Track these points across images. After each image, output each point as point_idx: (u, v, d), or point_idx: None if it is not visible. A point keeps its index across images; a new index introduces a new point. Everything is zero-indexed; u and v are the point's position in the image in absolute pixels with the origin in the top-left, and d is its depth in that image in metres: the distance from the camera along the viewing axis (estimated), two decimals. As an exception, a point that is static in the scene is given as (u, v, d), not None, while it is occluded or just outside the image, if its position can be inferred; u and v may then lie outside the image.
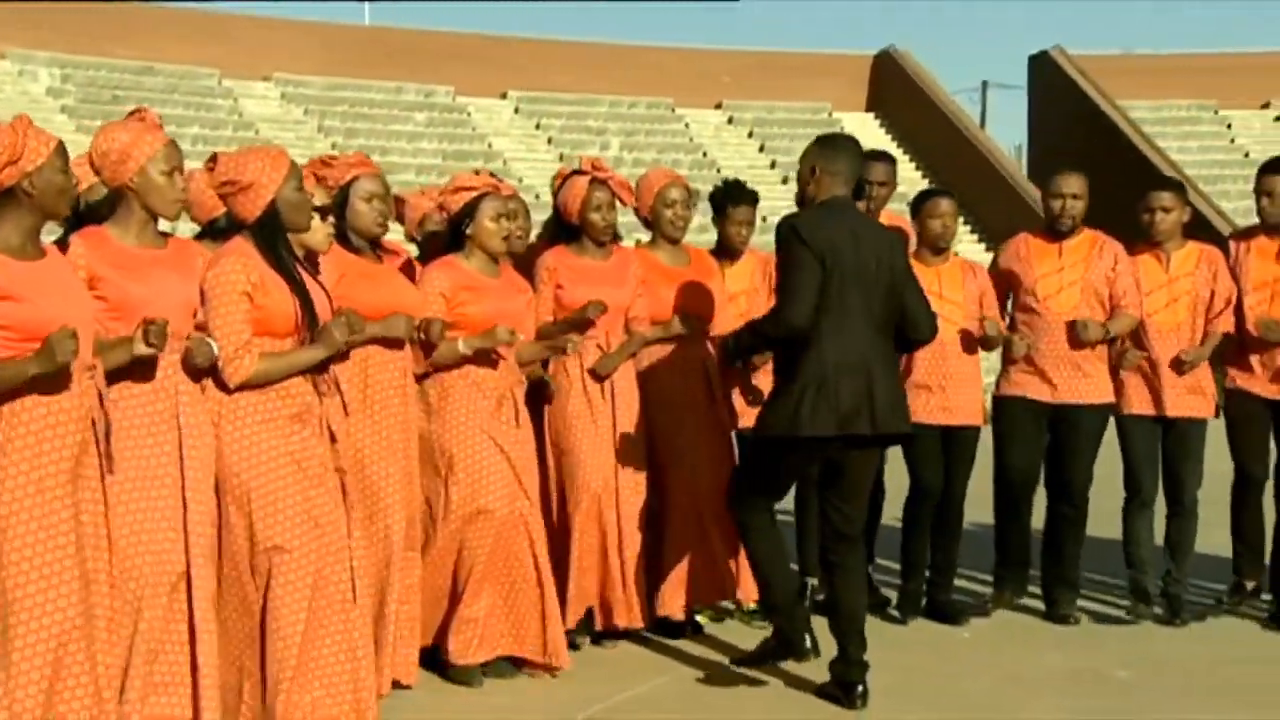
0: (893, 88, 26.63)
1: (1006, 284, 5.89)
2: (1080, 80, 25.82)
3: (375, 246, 4.71)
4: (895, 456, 5.68)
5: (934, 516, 5.83)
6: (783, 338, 4.54)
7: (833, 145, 4.74)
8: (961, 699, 4.65)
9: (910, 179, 23.48)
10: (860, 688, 4.56)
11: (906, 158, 25.61)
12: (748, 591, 5.42)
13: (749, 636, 5.46)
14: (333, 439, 4.07)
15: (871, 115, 26.75)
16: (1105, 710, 4.51)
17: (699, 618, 5.60)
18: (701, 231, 7.64)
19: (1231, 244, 5.86)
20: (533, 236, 5.66)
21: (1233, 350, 5.79)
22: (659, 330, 5.35)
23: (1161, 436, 5.79)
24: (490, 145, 23.56)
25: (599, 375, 5.22)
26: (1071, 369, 5.69)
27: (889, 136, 26.19)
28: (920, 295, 4.73)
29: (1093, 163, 24.54)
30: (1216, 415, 5.85)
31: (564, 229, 5.35)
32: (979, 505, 6.18)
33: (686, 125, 25.69)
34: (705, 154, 24.81)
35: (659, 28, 64.15)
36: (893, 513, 6.13)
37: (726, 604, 5.71)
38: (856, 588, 4.71)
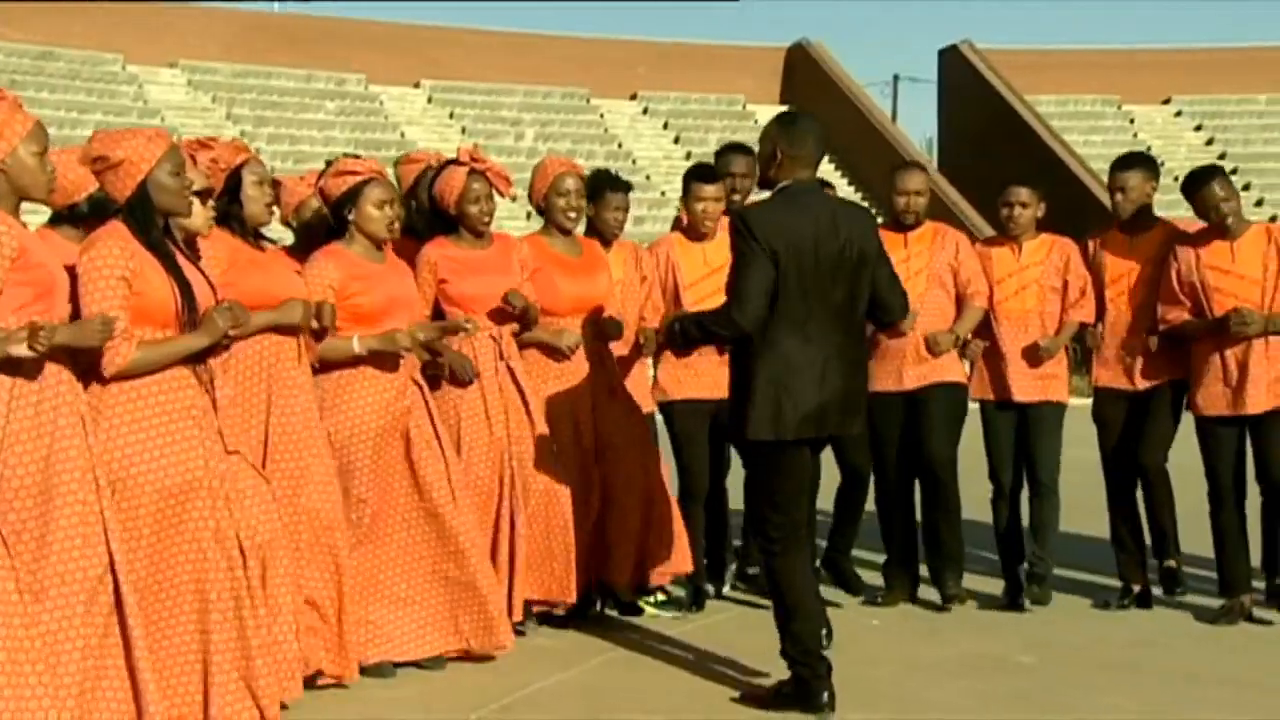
0: (806, 80, 26.83)
1: None
2: (989, 74, 26.21)
3: (257, 235, 4.62)
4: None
5: (840, 492, 6.02)
6: (732, 338, 4.40)
7: (795, 127, 4.48)
8: (869, 686, 4.70)
9: (824, 171, 23.65)
10: (827, 695, 4.34)
11: (820, 150, 25.75)
12: (675, 567, 5.49)
13: (669, 624, 5.50)
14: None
15: (786, 108, 26.92)
16: (1009, 694, 4.59)
17: (647, 603, 5.66)
18: (637, 223, 7.58)
19: (1089, 242, 5.99)
20: None
21: (1100, 350, 5.90)
22: (544, 334, 5.29)
23: (1017, 422, 5.91)
24: (403, 134, 23.34)
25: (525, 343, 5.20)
26: (920, 354, 5.80)
27: (802, 129, 26.31)
28: (892, 276, 4.59)
29: (1001, 155, 24.87)
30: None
31: (441, 220, 5.23)
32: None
33: (602, 116, 25.68)
34: (620, 145, 24.81)
35: (574, 18, 64.03)
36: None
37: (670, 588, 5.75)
38: (811, 587, 4.52)
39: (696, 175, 5.84)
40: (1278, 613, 5.62)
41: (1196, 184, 5.64)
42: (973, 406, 5.96)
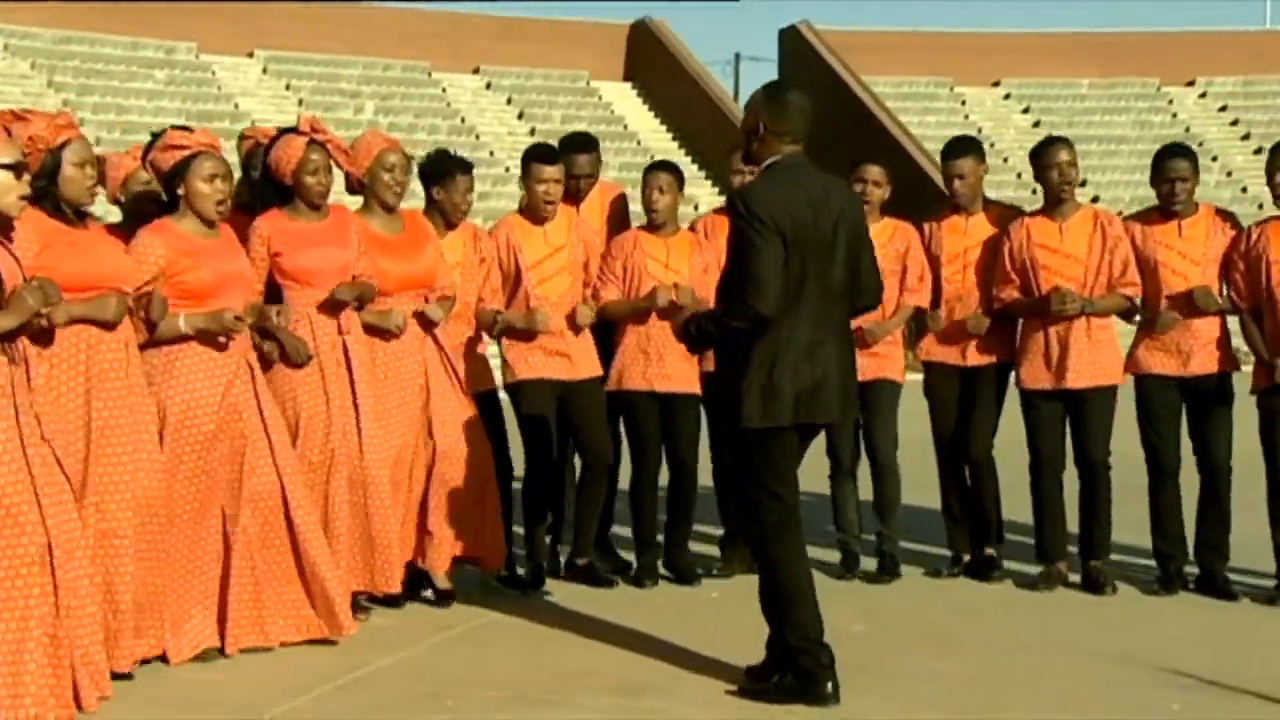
0: (649, 58, 26.90)
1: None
2: (827, 55, 26.63)
3: (80, 214, 4.43)
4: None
5: (669, 482, 5.99)
6: (751, 329, 4.14)
7: (779, 102, 4.28)
8: (711, 660, 4.76)
9: (667, 150, 23.77)
10: (831, 685, 4.22)
11: (663, 128, 25.93)
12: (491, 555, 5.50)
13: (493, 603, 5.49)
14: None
15: (629, 85, 26.97)
16: (843, 662, 4.69)
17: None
18: (481, 199, 7.41)
19: (926, 224, 6.14)
20: None
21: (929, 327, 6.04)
22: (372, 317, 5.20)
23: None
24: (237, 106, 22.72)
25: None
26: None
27: (646, 106, 26.46)
28: (872, 258, 4.45)
29: (839, 136, 25.30)
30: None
31: (275, 190, 5.11)
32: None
33: (444, 90, 25.36)
34: (463, 120, 24.55)
35: (416, -10, 62.84)
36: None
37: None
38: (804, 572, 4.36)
39: (536, 156, 5.79)
40: (1090, 592, 5.81)
41: (1046, 144, 5.80)
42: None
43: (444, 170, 5.61)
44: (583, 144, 6.14)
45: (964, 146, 6.11)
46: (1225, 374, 5.74)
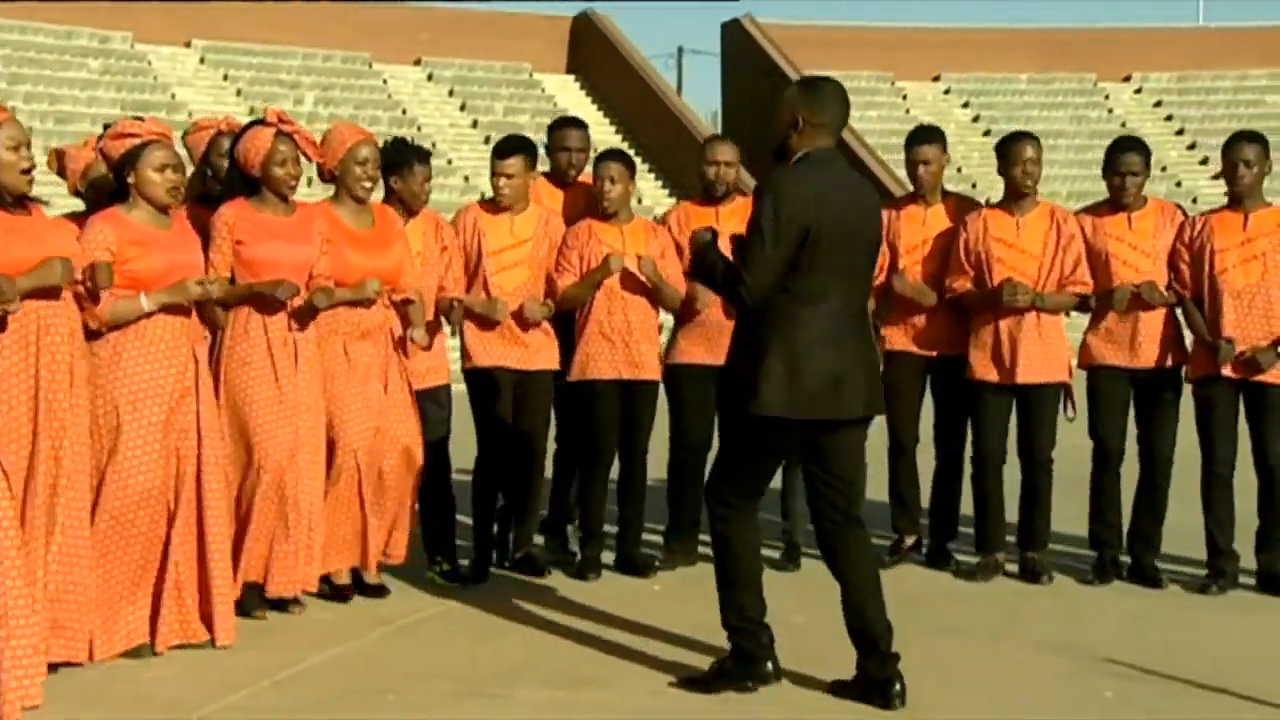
0: (592, 50, 26.85)
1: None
2: (769, 49, 26.71)
3: (24, 201, 4.35)
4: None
5: (620, 473, 5.98)
6: (740, 303, 4.17)
7: (818, 92, 4.25)
8: (647, 653, 4.77)
9: (610, 142, 23.74)
10: (898, 685, 4.16)
11: (607, 121, 25.89)
12: (396, 551, 5.49)
13: (438, 591, 5.47)
14: None
15: (572, 77, 26.91)
16: (784, 653, 4.70)
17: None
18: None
19: (886, 213, 6.18)
20: None
21: (889, 311, 6.09)
22: (347, 293, 5.19)
23: None
24: (174, 96, 22.42)
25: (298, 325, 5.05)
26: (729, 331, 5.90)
27: (589, 99, 26.40)
28: (873, 266, 4.47)
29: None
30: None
31: (243, 183, 5.12)
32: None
33: (385, 81, 25.18)
34: (405, 111, 24.38)
35: (357, -20, 62.32)
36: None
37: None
38: (865, 574, 4.33)
39: (495, 150, 5.84)
40: (1026, 581, 5.89)
41: (1013, 140, 5.86)
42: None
43: (402, 160, 5.60)
44: (574, 120, 6.26)
45: (930, 134, 6.14)
46: (1174, 368, 5.82)
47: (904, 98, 28.04)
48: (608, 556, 6.04)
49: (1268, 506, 5.66)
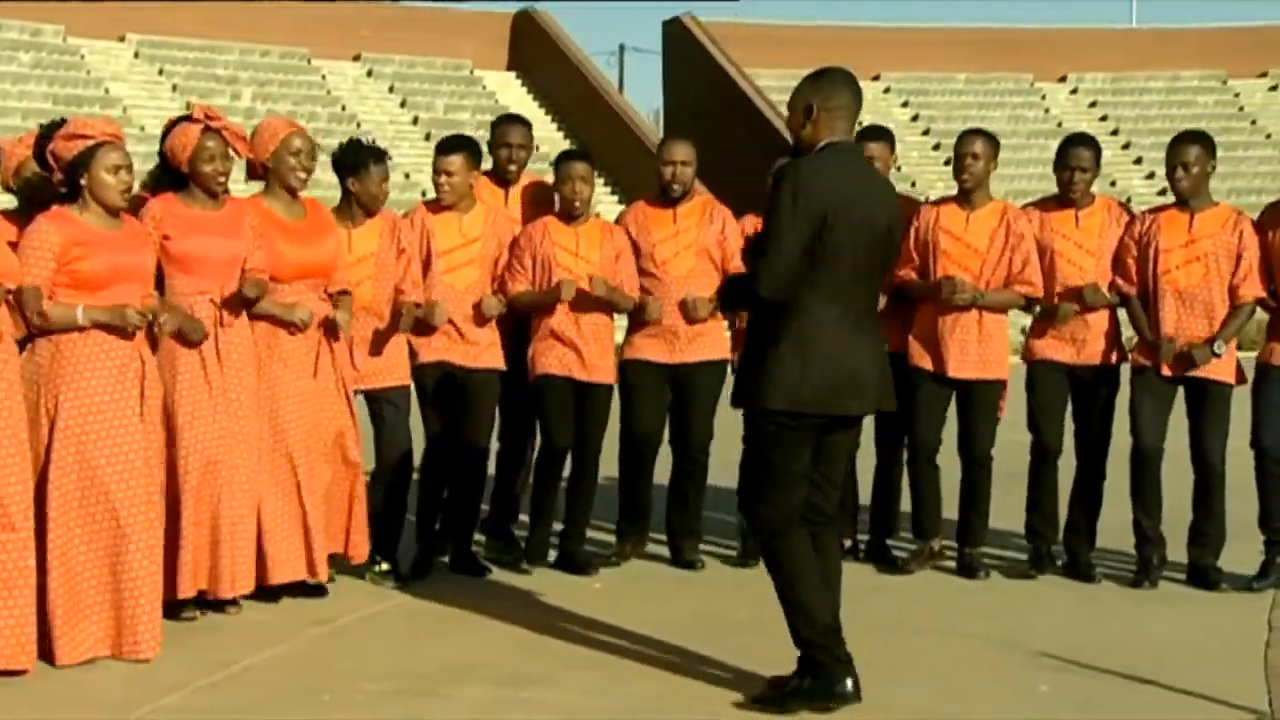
0: (533, 48, 26.78)
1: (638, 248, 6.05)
2: (710, 47, 26.77)
3: None
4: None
5: (570, 471, 5.97)
6: (759, 298, 4.04)
7: (830, 80, 4.16)
8: (589, 651, 4.76)
9: (552, 140, 23.70)
10: (851, 682, 4.07)
11: (548, 118, 25.83)
12: (355, 551, 5.45)
13: (377, 595, 5.43)
14: None
15: (513, 74, 26.82)
16: (726, 650, 4.73)
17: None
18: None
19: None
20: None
21: None
22: (278, 309, 5.13)
23: None
24: (108, 91, 22.11)
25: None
26: (689, 329, 5.91)
27: (530, 96, 26.34)
28: (892, 260, 4.41)
29: (723, 128, 25.25)
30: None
31: (173, 177, 5.06)
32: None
33: (324, 77, 24.98)
34: (344, 107, 24.21)
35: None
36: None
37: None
38: (836, 569, 4.25)
39: (437, 147, 5.82)
40: (965, 576, 5.93)
41: (964, 135, 5.92)
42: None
43: (357, 160, 5.57)
44: (516, 117, 6.25)
45: (878, 132, 6.18)
46: (1114, 366, 5.88)
47: (844, 97, 28.11)
48: (551, 554, 6.02)
49: (1202, 503, 5.75)
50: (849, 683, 4.03)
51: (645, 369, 5.95)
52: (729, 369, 6.00)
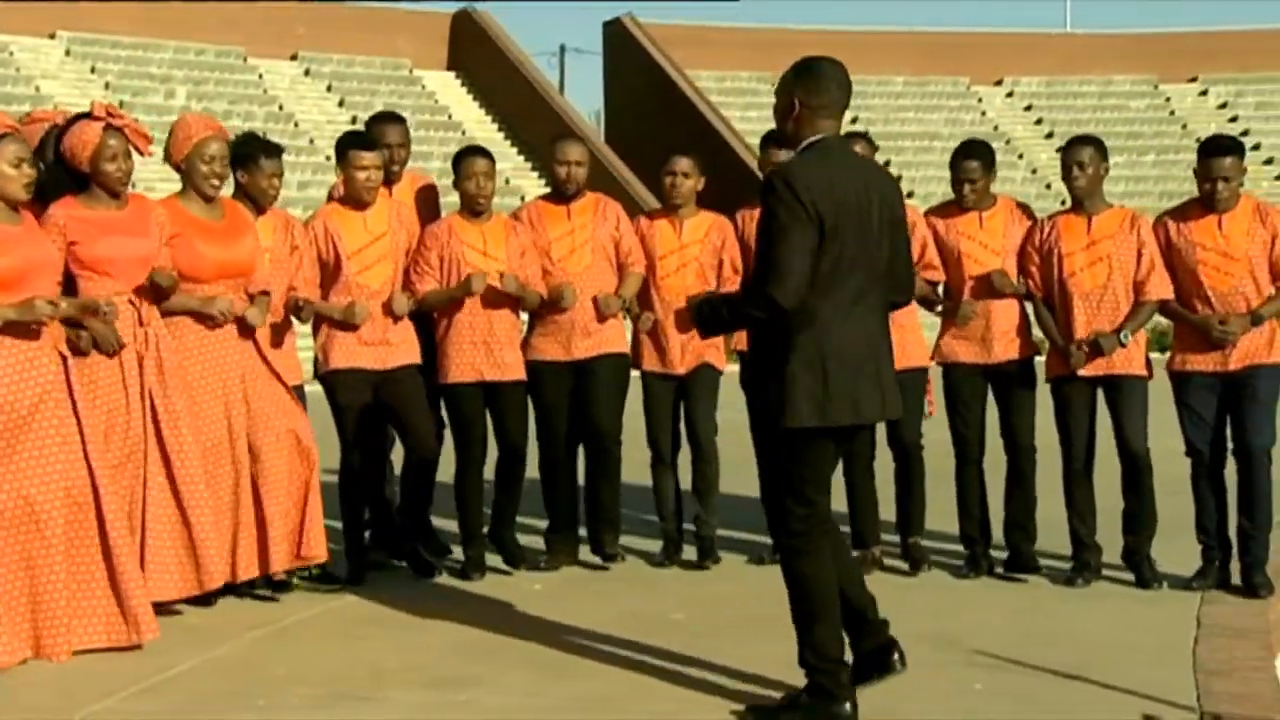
0: (473, 47, 26.69)
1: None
2: (650, 48, 26.81)
3: None
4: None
5: (498, 468, 5.97)
6: (771, 319, 3.86)
7: (815, 74, 3.96)
8: (530, 649, 4.75)
9: (492, 140, 23.64)
10: (896, 654, 4.06)
11: (489, 119, 25.76)
12: (311, 550, 5.36)
13: (311, 601, 5.39)
14: None
15: (453, 74, 26.71)
16: (663, 650, 4.74)
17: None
18: (301, 189, 7.24)
19: (738, 215, 6.24)
20: None
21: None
22: (194, 302, 5.09)
23: (676, 390, 6.13)
24: (38, 89, 21.76)
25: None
26: (588, 325, 5.92)
27: (470, 96, 26.25)
28: (908, 249, 4.19)
29: (663, 129, 25.34)
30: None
31: (71, 178, 4.93)
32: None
33: (260, 76, 24.74)
34: (281, 106, 23.99)
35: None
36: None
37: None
38: (848, 565, 4.16)
39: (355, 143, 5.74)
40: (909, 567, 6.01)
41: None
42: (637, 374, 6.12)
43: (246, 154, 5.49)
44: (393, 116, 6.25)
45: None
46: (1027, 359, 5.97)
47: (783, 99, 28.26)
48: (493, 560, 6.01)
49: (1132, 492, 5.84)
50: (848, 707, 3.96)
51: (547, 369, 5.95)
52: (629, 361, 6.03)
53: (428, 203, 6.20)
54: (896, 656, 4.10)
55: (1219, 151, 5.63)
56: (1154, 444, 5.81)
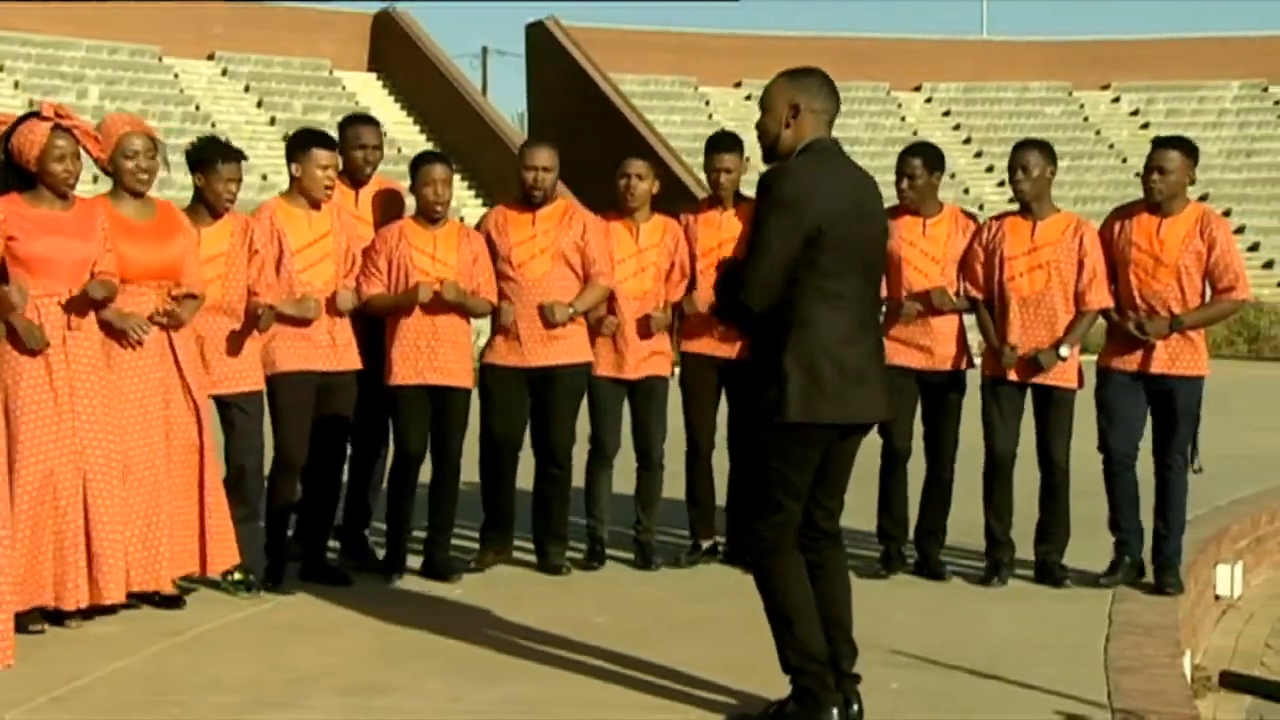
0: (394, 48, 26.53)
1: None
2: (573, 51, 26.82)
3: None
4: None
5: (431, 476, 5.92)
6: (737, 317, 3.94)
7: (811, 78, 3.99)
8: (450, 655, 4.73)
9: (414, 141, 23.49)
10: (856, 706, 4.00)
11: (410, 120, 25.61)
12: (215, 565, 5.31)
13: (231, 604, 5.32)
14: None
15: (374, 75, 26.53)
16: (585, 653, 4.74)
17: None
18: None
19: (684, 216, 6.28)
20: None
21: (693, 317, 6.18)
22: (113, 315, 5.00)
23: (629, 395, 6.14)
24: (-52, 86, 21.30)
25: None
26: (546, 332, 5.90)
27: (391, 97, 26.08)
28: (885, 259, 4.26)
29: (586, 132, 25.44)
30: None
31: (19, 178, 4.90)
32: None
33: (176, 76, 24.40)
34: (198, 107, 23.68)
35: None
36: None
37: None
38: (844, 589, 4.15)
39: (317, 141, 5.70)
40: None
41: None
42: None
43: (203, 157, 5.46)
44: (368, 118, 6.26)
45: (730, 142, 6.23)
46: (961, 371, 6.03)
47: (707, 103, 28.48)
48: (414, 561, 5.96)
49: (1048, 502, 5.92)
50: (835, 713, 3.93)
51: (503, 373, 5.95)
52: (589, 369, 6.03)
53: (385, 207, 6.12)
54: (856, 708, 4.02)
55: (1163, 144, 5.74)
56: (1075, 446, 5.87)
